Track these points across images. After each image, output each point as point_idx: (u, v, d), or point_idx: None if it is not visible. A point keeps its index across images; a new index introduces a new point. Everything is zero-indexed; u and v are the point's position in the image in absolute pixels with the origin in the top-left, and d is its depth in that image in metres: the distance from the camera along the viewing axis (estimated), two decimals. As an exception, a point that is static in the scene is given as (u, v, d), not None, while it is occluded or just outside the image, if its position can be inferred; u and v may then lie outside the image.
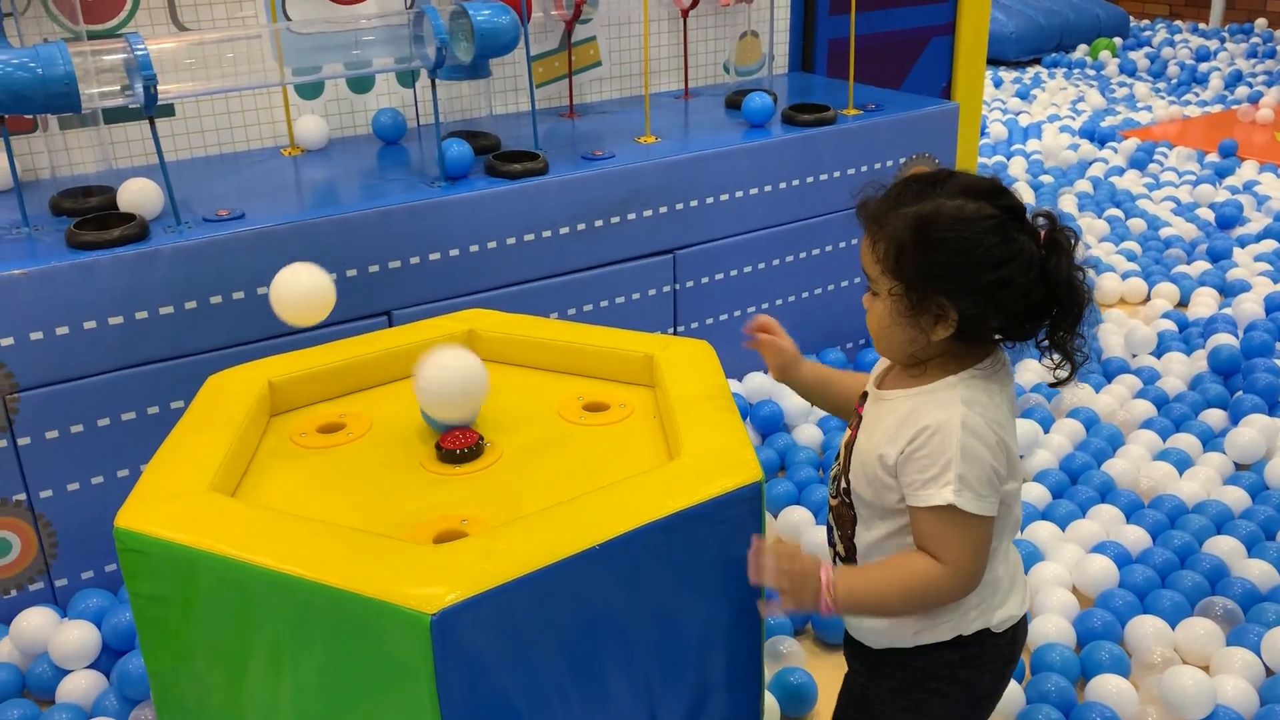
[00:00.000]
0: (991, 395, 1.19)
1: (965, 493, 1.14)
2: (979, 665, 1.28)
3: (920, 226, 1.14)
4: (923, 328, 1.17)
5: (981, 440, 1.16)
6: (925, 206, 1.15)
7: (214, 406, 1.51)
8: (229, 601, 1.20)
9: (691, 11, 3.09)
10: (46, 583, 2.04)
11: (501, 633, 1.12)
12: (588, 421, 1.54)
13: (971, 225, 1.13)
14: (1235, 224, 4.02)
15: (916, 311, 1.16)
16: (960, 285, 1.13)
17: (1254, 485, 2.34)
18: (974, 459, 1.15)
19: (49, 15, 2.35)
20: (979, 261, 1.12)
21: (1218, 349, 2.85)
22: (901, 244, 1.15)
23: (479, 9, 2.25)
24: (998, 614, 1.26)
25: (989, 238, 1.12)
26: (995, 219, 1.13)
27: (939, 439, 1.15)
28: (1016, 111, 5.81)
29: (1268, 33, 7.38)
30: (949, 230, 1.13)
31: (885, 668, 1.30)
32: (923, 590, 1.19)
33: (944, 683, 1.28)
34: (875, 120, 2.87)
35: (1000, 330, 1.19)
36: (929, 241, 1.14)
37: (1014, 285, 1.13)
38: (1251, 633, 1.87)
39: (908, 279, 1.16)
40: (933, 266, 1.14)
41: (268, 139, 2.68)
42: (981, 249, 1.12)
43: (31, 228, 2.08)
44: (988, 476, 1.16)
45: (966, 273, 1.13)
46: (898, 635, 1.27)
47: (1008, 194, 1.16)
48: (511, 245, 2.37)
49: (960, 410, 1.16)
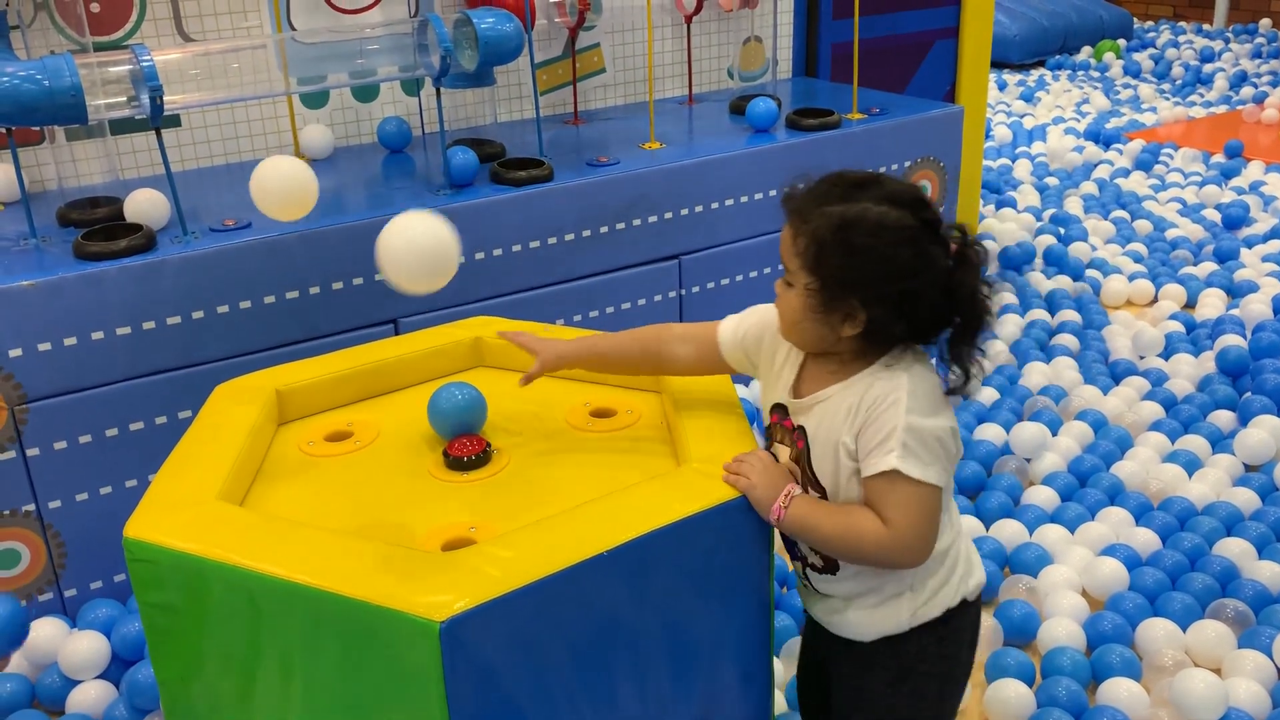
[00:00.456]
0: (927, 378, 1.22)
1: (909, 459, 1.17)
2: (960, 638, 1.32)
3: (843, 229, 1.17)
4: (831, 325, 1.21)
5: (926, 410, 1.19)
6: (851, 210, 1.18)
7: (222, 416, 1.51)
8: (238, 610, 1.20)
9: (695, 17, 3.09)
10: (56, 593, 2.05)
11: (511, 639, 1.12)
12: (595, 428, 1.54)
13: (892, 234, 1.16)
14: (1242, 224, 4.01)
15: (828, 309, 1.20)
16: (873, 291, 1.17)
17: (1264, 486, 2.33)
18: (917, 429, 1.18)
19: (55, 27, 2.36)
20: (894, 271, 1.16)
21: (1226, 350, 2.84)
22: (823, 243, 1.18)
23: (483, 17, 2.26)
24: (971, 581, 1.31)
25: (906, 249, 1.16)
26: (913, 230, 1.16)
27: (886, 413, 1.19)
28: (1021, 114, 5.80)
29: (1272, 33, 7.37)
30: (870, 237, 1.16)
31: (878, 658, 1.31)
32: (858, 544, 1.21)
33: (934, 663, 1.30)
34: (880, 124, 2.87)
35: (903, 335, 1.22)
36: (850, 246, 1.17)
37: (922, 295, 1.17)
38: (1263, 635, 1.87)
39: (824, 277, 1.19)
40: (849, 270, 1.17)
41: (273, 148, 2.69)
42: (898, 259, 1.16)
43: (39, 239, 2.09)
44: (931, 445, 1.19)
45: (881, 280, 1.16)
46: (892, 624, 1.28)
47: (928, 207, 1.19)
48: (517, 252, 2.38)
49: (905, 383, 1.19)
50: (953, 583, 1.28)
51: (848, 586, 1.30)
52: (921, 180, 3.00)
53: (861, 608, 1.30)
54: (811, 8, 3.44)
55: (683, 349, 1.45)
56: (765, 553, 1.33)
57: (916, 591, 1.27)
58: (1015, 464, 2.44)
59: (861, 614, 1.30)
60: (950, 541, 1.28)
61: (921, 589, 1.27)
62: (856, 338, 1.21)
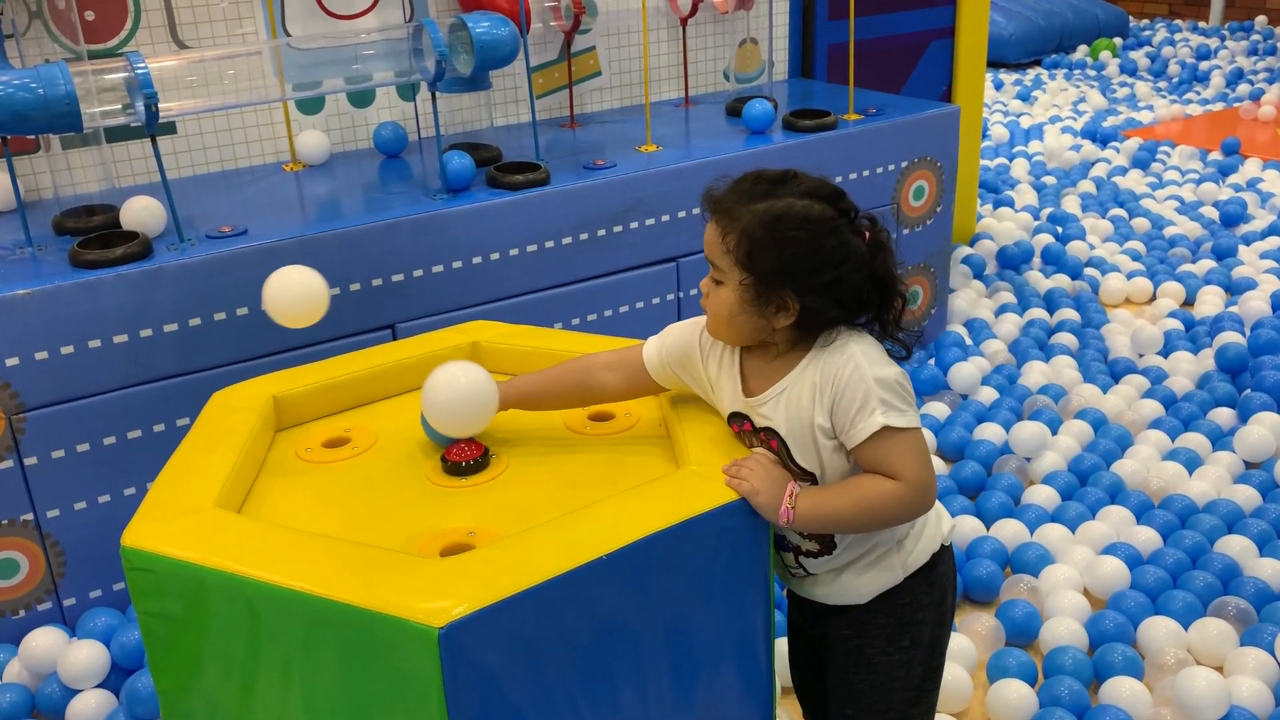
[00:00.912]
0: (870, 343, 1.28)
1: (892, 413, 1.22)
2: (945, 582, 1.37)
3: (773, 224, 1.22)
4: (766, 316, 1.25)
5: (883, 365, 1.25)
6: (777, 205, 1.23)
7: (219, 423, 1.51)
8: (237, 618, 1.20)
9: (690, 20, 3.09)
10: (55, 602, 2.04)
11: (510, 645, 1.12)
12: (594, 431, 1.54)
13: (817, 226, 1.22)
14: (1240, 222, 4.01)
15: (761, 302, 1.24)
16: (805, 281, 1.22)
17: (1265, 483, 2.33)
18: (885, 381, 1.23)
19: (50, 36, 2.36)
20: (822, 261, 1.22)
21: (1225, 347, 2.84)
22: (754, 239, 1.23)
23: (478, 21, 2.26)
24: (945, 525, 1.37)
25: (831, 239, 1.22)
26: (835, 221, 1.23)
27: (852, 379, 1.23)
28: (1018, 113, 5.81)
29: (1268, 30, 7.38)
30: (799, 230, 1.21)
31: (875, 617, 1.35)
32: (883, 509, 1.25)
33: (928, 609, 1.35)
34: (876, 125, 2.87)
35: (836, 319, 1.27)
36: (781, 240, 1.22)
37: (849, 281, 1.23)
38: (1265, 633, 1.86)
39: (757, 272, 1.23)
40: (782, 262, 1.22)
41: (269, 155, 2.69)
42: (825, 249, 1.22)
43: (35, 248, 2.08)
44: (900, 392, 1.24)
45: (811, 270, 1.22)
46: (888, 578, 1.32)
47: (845, 198, 1.26)
48: (514, 256, 2.37)
49: (855, 349, 1.25)
50: (931, 527, 1.34)
51: (843, 559, 1.33)
52: (918, 181, 3.00)
53: (857, 571, 1.33)
54: (807, 9, 3.44)
55: (610, 376, 1.46)
56: (765, 554, 1.33)
57: (904, 542, 1.32)
58: (1015, 463, 2.44)
59: (858, 577, 1.33)
60: None
61: (908, 539, 1.32)
62: (791, 327, 1.26)
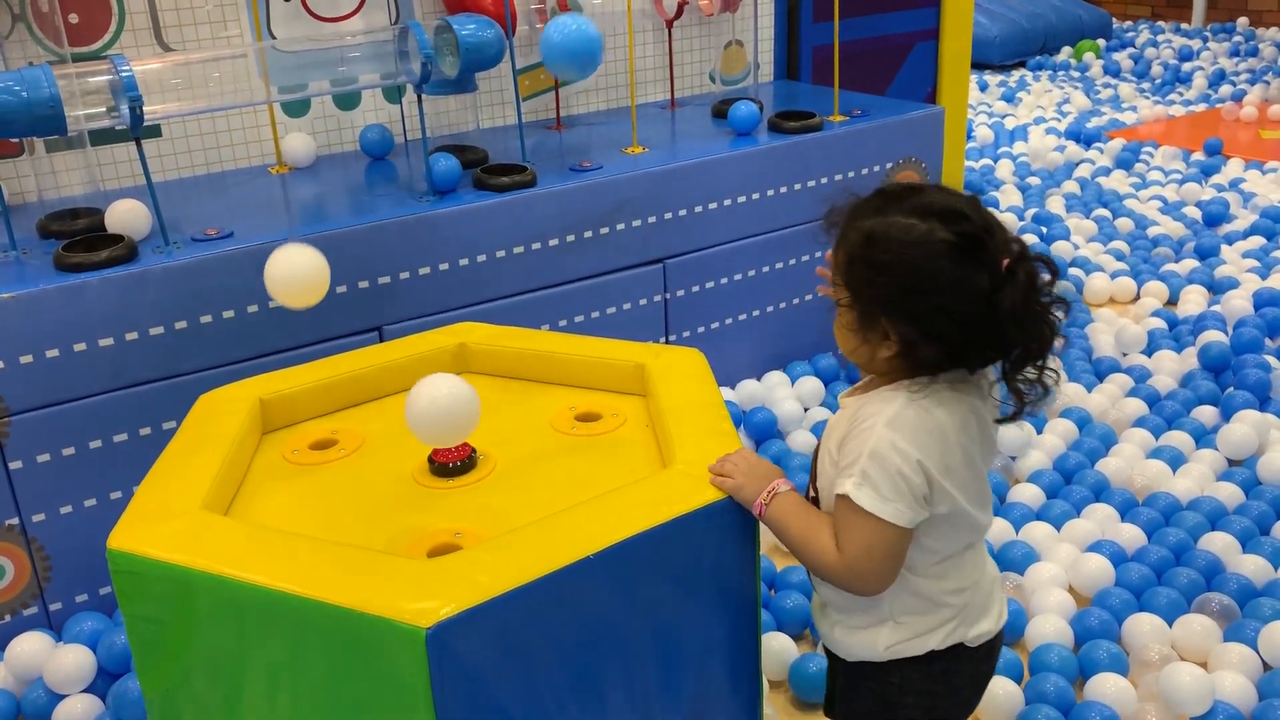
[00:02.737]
0: (929, 412, 1.16)
1: (865, 488, 1.14)
2: (955, 681, 1.28)
3: (868, 244, 1.14)
4: (870, 344, 1.17)
5: (904, 440, 1.14)
6: (877, 224, 1.14)
7: (205, 425, 1.50)
8: (224, 620, 1.20)
9: (676, 22, 3.10)
10: (41, 607, 2.03)
11: (497, 645, 1.12)
12: (580, 432, 1.54)
13: (914, 249, 1.11)
14: (1222, 221, 4.04)
15: (864, 327, 1.17)
16: (899, 309, 1.13)
17: (1247, 481, 2.35)
18: (880, 456, 1.13)
19: (33, 38, 2.35)
20: (915, 287, 1.11)
21: (1208, 346, 2.86)
22: (853, 258, 1.16)
23: (463, 23, 2.26)
24: (974, 629, 1.26)
25: (931, 263, 1.10)
26: (943, 244, 1.10)
27: (865, 431, 1.15)
28: (1002, 114, 5.83)
29: (1249, 31, 7.43)
30: (891, 252, 1.12)
31: (863, 682, 1.30)
32: (814, 557, 1.21)
33: (921, 696, 1.27)
34: (861, 126, 2.88)
35: (937, 359, 1.15)
36: (873, 261, 1.14)
37: (951, 314, 1.11)
38: (1248, 628, 1.88)
39: (854, 293, 1.17)
40: (874, 286, 1.14)
41: (255, 157, 2.68)
42: (921, 274, 1.10)
43: (19, 251, 2.08)
44: (895, 482, 1.13)
45: (903, 297, 1.12)
46: (868, 650, 1.26)
47: (965, 219, 1.11)
48: (501, 258, 2.37)
49: (889, 412, 1.15)
50: (946, 628, 1.24)
51: (830, 593, 1.29)
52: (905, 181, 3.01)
53: (844, 626, 1.29)
54: (792, 11, 3.45)
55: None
56: (752, 554, 1.33)
57: (899, 626, 1.24)
58: (1001, 462, 2.45)
59: (844, 633, 1.29)
60: (960, 587, 1.24)
61: (904, 626, 1.24)
62: (893, 359, 1.16)
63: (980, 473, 1.23)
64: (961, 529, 1.22)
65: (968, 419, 1.19)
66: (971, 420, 1.20)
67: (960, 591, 1.25)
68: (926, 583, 1.23)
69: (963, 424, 1.18)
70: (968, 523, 1.22)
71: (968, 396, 1.19)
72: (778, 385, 2.76)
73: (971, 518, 1.22)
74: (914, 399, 1.16)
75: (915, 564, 1.21)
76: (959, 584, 1.24)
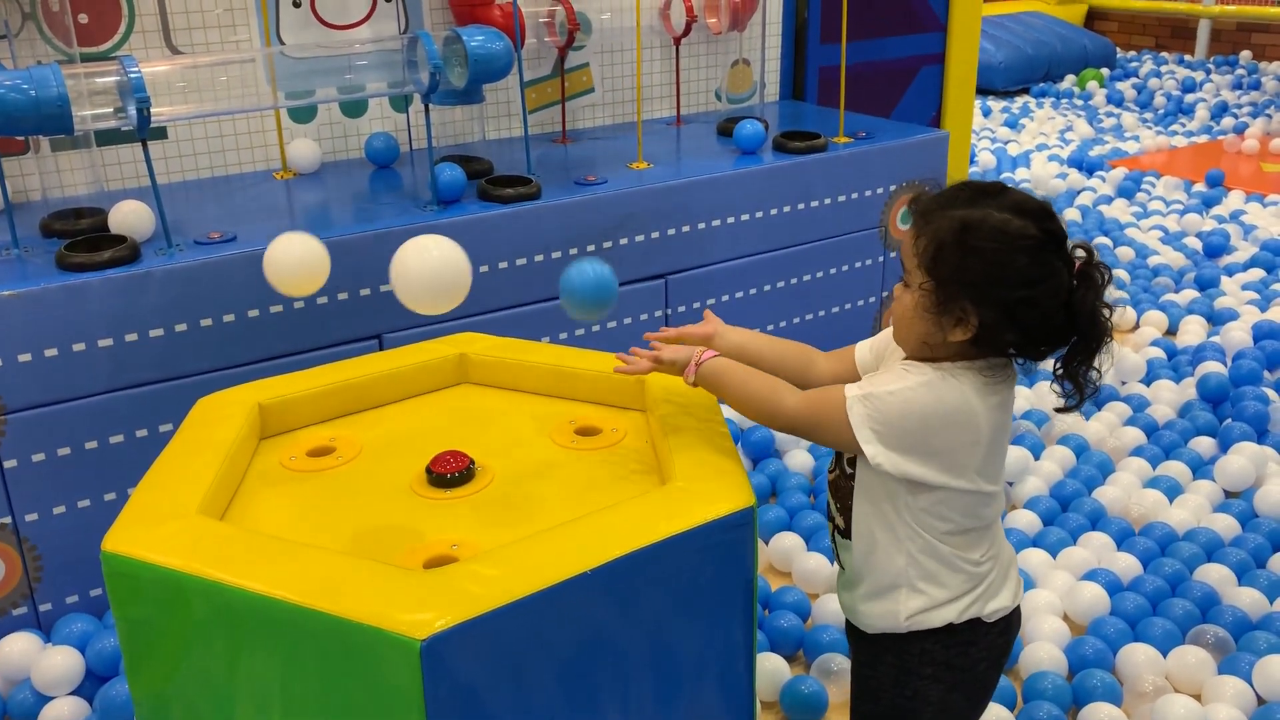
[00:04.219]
0: (975, 389, 1.22)
1: (856, 406, 1.22)
2: (972, 654, 1.32)
3: (963, 231, 1.19)
4: (943, 326, 1.22)
5: (935, 394, 1.21)
6: (974, 213, 1.19)
7: (203, 429, 1.50)
8: (217, 626, 1.19)
9: (684, 39, 3.11)
10: (30, 607, 2.02)
11: (492, 658, 1.11)
12: (579, 446, 1.54)
13: (1012, 241, 1.17)
14: (1222, 253, 4.05)
15: (940, 310, 1.21)
16: (987, 295, 1.18)
17: (1244, 513, 2.34)
18: (896, 403, 1.21)
19: (43, 38, 2.35)
20: (1010, 277, 1.18)
21: (1206, 377, 2.86)
22: (942, 243, 1.20)
23: (473, 35, 2.26)
24: (991, 604, 1.31)
25: (1024, 256, 1.17)
26: (1035, 240, 1.18)
27: (903, 372, 1.24)
28: (1005, 140, 5.85)
29: (1252, 65, 7.47)
30: (989, 240, 1.18)
31: (884, 655, 1.34)
32: (760, 403, 1.33)
33: (940, 669, 1.31)
34: (866, 148, 2.89)
35: (1014, 345, 1.23)
36: (967, 247, 1.18)
37: (1038, 306, 1.18)
38: (1243, 661, 1.87)
39: (939, 277, 1.20)
40: (965, 271, 1.19)
41: (260, 162, 2.69)
42: (1015, 265, 1.17)
43: (21, 249, 2.07)
44: (894, 421, 1.21)
45: (996, 284, 1.18)
46: (890, 621, 1.31)
47: (1054, 219, 1.20)
48: (504, 269, 2.37)
49: (933, 375, 1.22)
50: (963, 601, 1.29)
51: (856, 556, 1.32)
52: (906, 205, 3.02)
53: (866, 595, 1.33)
54: (799, 32, 3.47)
55: (826, 365, 1.47)
56: (749, 570, 1.33)
57: (917, 593, 1.28)
58: (998, 488, 2.45)
59: (866, 602, 1.33)
60: (976, 559, 1.29)
61: (922, 594, 1.28)
62: (967, 344, 1.22)
63: (1004, 452, 1.31)
64: (980, 505, 1.27)
65: (1003, 409, 1.26)
66: (1009, 403, 1.28)
67: (978, 564, 1.29)
68: (945, 549, 1.27)
69: (1003, 405, 1.26)
70: (985, 499, 1.27)
71: (1000, 389, 1.26)
72: (776, 404, 2.76)
73: (990, 496, 1.28)
74: (961, 372, 1.22)
75: (933, 529, 1.27)
76: (975, 555, 1.29)
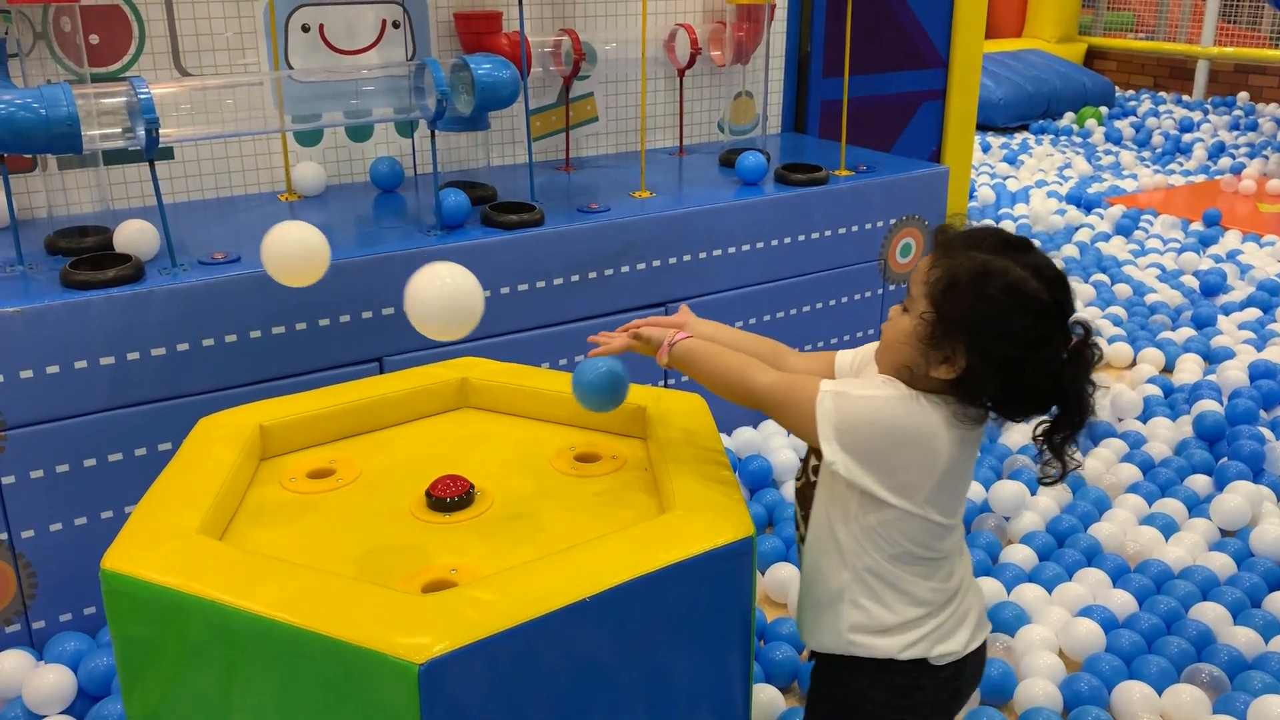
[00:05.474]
0: (945, 420, 1.22)
1: (828, 400, 1.23)
2: (917, 698, 1.31)
3: (981, 275, 1.19)
4: (930, 360, 1.22)
5: (888, 414, 1.22)
6: (996, 261, 1.20)
7: (204, 449, 1.50)
8: (214, 646, 1.19)
9: (688, 71, 3.14)
10: (24, 624, 2.01)
11: (490, 683, 1.11)
12: (579, 472, 1.54)
13: (1024, 299, 1.18)
14: (1219, 291, 4.07)
15: (932, 344, 1.21)
16: (982, 344, 1.19)
17: (1239, 552, 2.35)
18: (865, 409, 1.22)
19: (54, 57, 2.37)
20: (1009, 333, 1.18)
21: (1203, 415, 2.87)
22: (956, 281, 1.20)
23: (480, 63, 2.29)
24: (940, 646, 1.30)
25: (1029, 318, 1.18)
26: (1045, 306, 1.18)
27: (871, 383, 1.25)
28: (1004, 176, 5.89)
29: (1249, 106, 7.53)
30: (1002, 292, 1.18)
31: (826, 683, 1.35)
32: (734, 382, 1.35)
33: (883, 708, 1.31)
34: (866, 181, 2.91)
35: (991, 399, 1.23)
36: (979, 292, 1.19)
37: (1025, 370, 1.19)
38: (1238, 700, 1.87)
39: (942, 312, 1.21)
40: (970, 314, 1.19)
41: (265, 184, 2.70)
42: (1018, 324, 1.18)
43: (26, 266, 2.08)
44: (855, 426, 1.22)
45: (993, 336, 1.18)
46: (833, 636, 1.31)
47: (1068, 292, 1.21)
48: (506, 295, 2.38)
49: (909, 394, 1.23)
50: (910, 634, 1.28)
51: (807, 563, 1.35)
52: (905, 239, 3.04)
53: (811, 605, 1.35)
54: (802, 65, 3.50)
55: (801, 363, 1.49)
56: (747, 602, 1.33)
57: (856, 605, 1.29)
58: (994, 522, 2.45)
59: (810, 611, 1.35)
60: (927, 592, 1.28)
61: (860, 606, 1.28)
62: (945, 383, 1.22)
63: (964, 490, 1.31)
64: (931, 535, 1.27)
65: (973, 439, 1.27)
66: (975, 443, 1.28)
67: (926, 598, 1.29)
68: (893, 571, 1.27)
69: (968, 442, 1.26)
70: (938, 531, 1.27)
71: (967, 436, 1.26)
72: (774, 434, 2.77)
73: (943, 529, 1.27)
74: (938, 403, 1.22)
75: (881, 549, 1.27)
76: (924, 585, 1.29)
